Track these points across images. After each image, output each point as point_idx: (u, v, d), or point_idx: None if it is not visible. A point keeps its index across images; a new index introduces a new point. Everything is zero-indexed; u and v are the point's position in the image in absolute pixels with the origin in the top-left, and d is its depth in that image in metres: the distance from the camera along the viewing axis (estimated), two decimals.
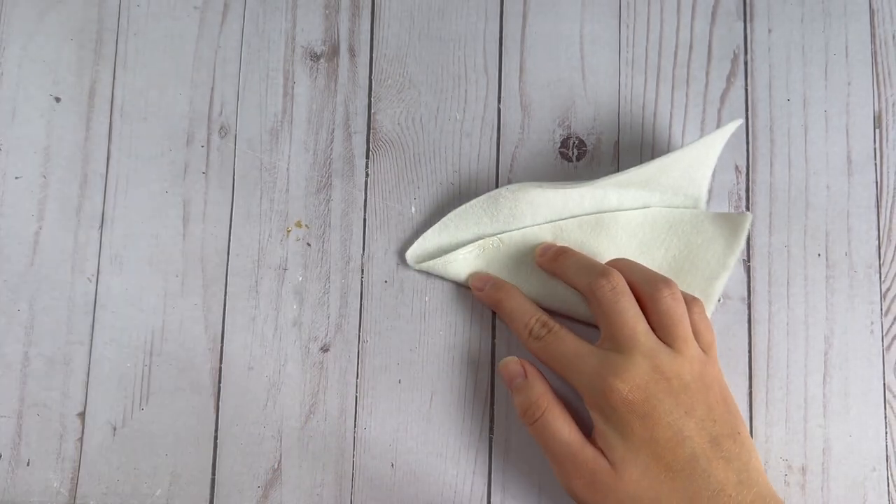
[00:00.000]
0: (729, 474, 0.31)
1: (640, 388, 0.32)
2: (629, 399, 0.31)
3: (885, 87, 0.40)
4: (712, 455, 0.31)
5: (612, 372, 0.32)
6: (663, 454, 0.31)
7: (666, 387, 0.32)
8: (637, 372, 0.32)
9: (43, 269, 0.39)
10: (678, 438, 0.31)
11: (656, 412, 0.31)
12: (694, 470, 0.31)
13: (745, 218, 0.37)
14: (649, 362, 0.32)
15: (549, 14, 0.41)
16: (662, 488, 0.31)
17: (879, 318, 0.38)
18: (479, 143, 0.40)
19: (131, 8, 0.42)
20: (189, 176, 0.40)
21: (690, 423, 0.32)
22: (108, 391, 0.39)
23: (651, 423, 0.31)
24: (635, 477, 0.31)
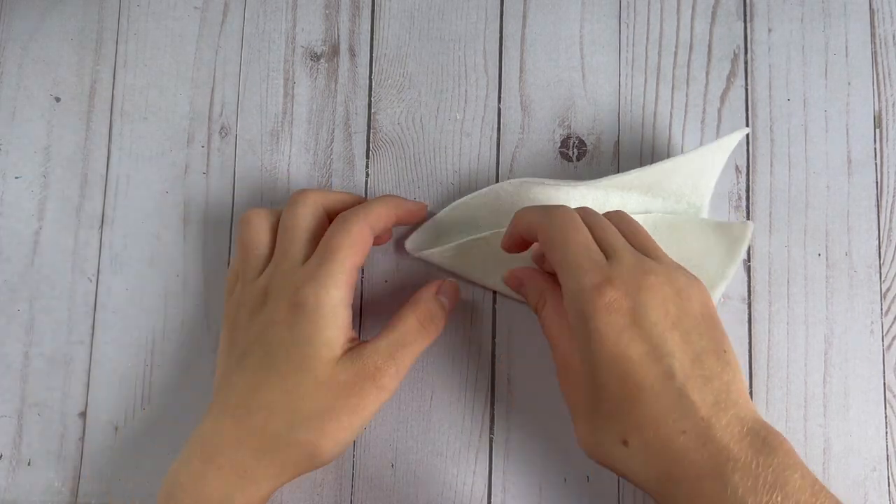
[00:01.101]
0: (706, 395, 0.29)
1: (629, 296, 0.30)
2: (615, 306, 0.29)
3: (885, 87, 0.40)
4: (691, 373, 0.29)
5: (605, 276, 0.30)
6: (635, 370, 0.29)
7: (656, 296, 0.30)
8: (628, 278, 0.30)
9: (43, 269, 0.39)
10: (658, 353, 0.29)
11: (641, 323, 0.29)
12: (665, 388, 0.29)
13: (746, 228, 0.37)
14: (637, 271, 0.30)
15: (549, 14, 0.41)
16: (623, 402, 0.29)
17: (879, 318, 0.38)
18: (479, 143, 0.40)
19: (131, 8, 0.42)
20: (189, 176, 0.40)
21: (675, 336, 0.29)
22: (109, 391, 0.39)
23: (629, 335, 0.29)
24: (597, 385, 0.30)
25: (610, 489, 0.37)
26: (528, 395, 0.38)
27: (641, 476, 0.29)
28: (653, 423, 0.29)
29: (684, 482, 0.28)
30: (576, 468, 0.37)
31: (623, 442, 0.29)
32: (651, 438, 0.29)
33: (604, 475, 0.37)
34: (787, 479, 0.27)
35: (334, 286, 0.32)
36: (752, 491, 0.27)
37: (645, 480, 0.29)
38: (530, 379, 0.38)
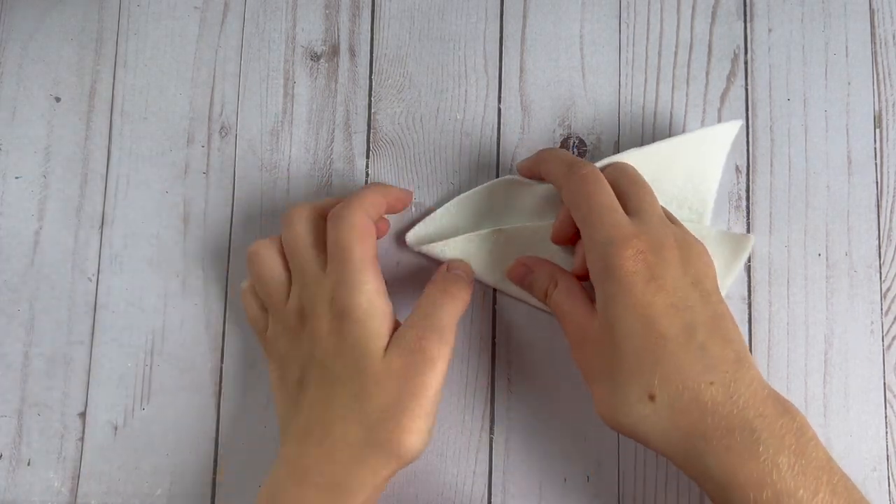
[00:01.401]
0: (727, 352, 0.29)
1: (654, 251, 0.30)
2: (641, 259, 0.30)
3: (885, 87, 0.40)
4: (712, 330, 0.30)
5: (632, 231, 0.31)
6: (658, 320, 0.29)
7: (677, 255, 0.31)
8: (653, 235, 0.31)
9: (43, 269, 0.39)
10: (680, 306, 0.30)
11: (664, 277, 0.30)
12: (689, 341, 0.29)
13: (747, 240, 0.37)
14: (665, 229, 0.32)
15: (549, 14, 0.41)
16: (647, 354, 0.29)
17: (879, 318, 0.38)
18: (479, 143, 0.40)
19: (132, 8, 0.42)
20: (189, 176, 0.40)
21: (696, 293, 0.30)
22: (108, 391, 0.39)
23: (655, 287, 0.30)
24: (619, 338, 0.30)
25: (610, 489, 0.37)
26: (528, 395, 0.38)
27: (666, 436, 0.29)
28: (679, 373, 0.29)
29: (714, 436, 0.28)
30: (576, 468, 0.37)
31: (650, 397, 0.29)
32: (679, 390, 0.29)
33: (604, 475, 0.37)
34: (806, 443, 0.28)
35: (363, 282, 0.32)
36: (781, 450, 0.28)
37: (668, 441, 0.29)
38: (530, 379, 0.38)
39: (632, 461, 0.37)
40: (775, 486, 0.27)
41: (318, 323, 0.33)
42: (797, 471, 0.27)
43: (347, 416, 0.31)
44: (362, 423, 0.31)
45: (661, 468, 0.37)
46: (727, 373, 0.29)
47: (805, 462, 0.28)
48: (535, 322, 0.39)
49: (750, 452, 0.28)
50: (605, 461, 0.37)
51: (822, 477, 0.28)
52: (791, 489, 0.27)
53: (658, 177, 0.37)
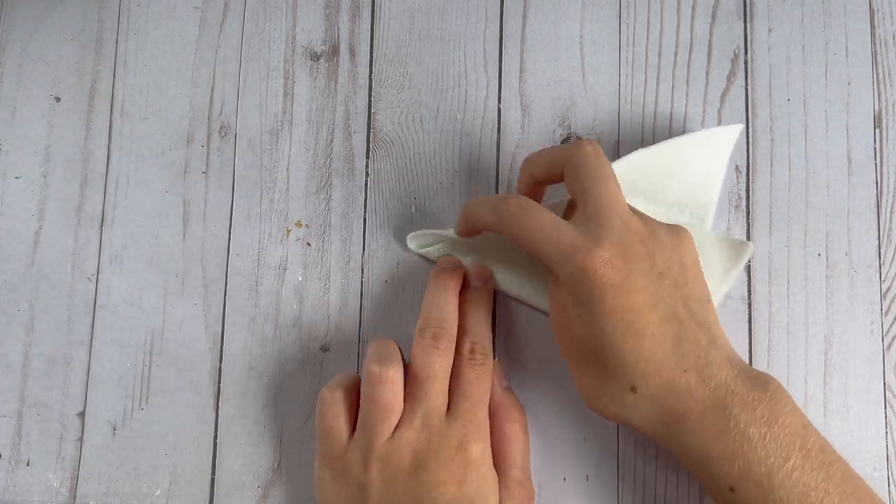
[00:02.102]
0: (699, 336, 0.31)
1: (621, 254, 0.31)
2: (610, 265, 0.31)
3: (885, 87, 0.40)
4: (684, 316, 0.31)
5: (595, 240, 0.31)
6: (634, 320, 0.31)
7: (643, 250, 0.31)
8: (616, 237, 0.31)
9: (43, 269, 0.39)
10: (652, 302, 0.31)
11: (633, 276, 0.31)
12: (664, 333, 0.31)
13: (746, 248, 0.37)
14: (629, 225, 0.32)
15: (549, 14, 0.41)
16: (626, 353, 0.31)
17: (879, 318, 0.38)
18: (479, 143, 0.40)
19: (132, 8, 0.42)
20: (189, 176, 0.40)
21: (664, 285, 0.31)
22: (108, 391, 0.39)
23: (626, 289, 0.31)
24: (598, 339, 0.31)
25: (610, 489, 0.37)
26: (528, 394, 0.38)
27: (648, 421, 0.31)
28: (657, 367, 0.31)
29: (689, 419, 0.30)
30: (576, 468, 0.37)
31: (631, 389, 0.31)
32: (657, 381, 0.31)
33: (604, 475, 0.37)
34: (780, 411, 0.30)
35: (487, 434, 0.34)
36: (752, 422, 0.30)
37: (651, 425, 0.31)
38: (530, 379, 0.38)
39: (632, 461, 0.37)
40: (746, 457, 0.29)
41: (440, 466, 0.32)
42: (768, 439, 0.30)
43: None
44: None
45: (661, 468, 0.37)
46: (700, 358, 0.31)
47: (778, 429, 0.30)
48: (535, 322, 0.39)
49: (721, 429, 0.30)
50: (604, 461, 0.37)
51: (795, 443, 0.30)
52: (762, 457, 0.29)
53: (659, 182, 0.37)
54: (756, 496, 0.29)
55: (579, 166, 0.33)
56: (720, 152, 0.38)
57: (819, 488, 0.29)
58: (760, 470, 0.29)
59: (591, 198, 0.32)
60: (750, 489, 0.30)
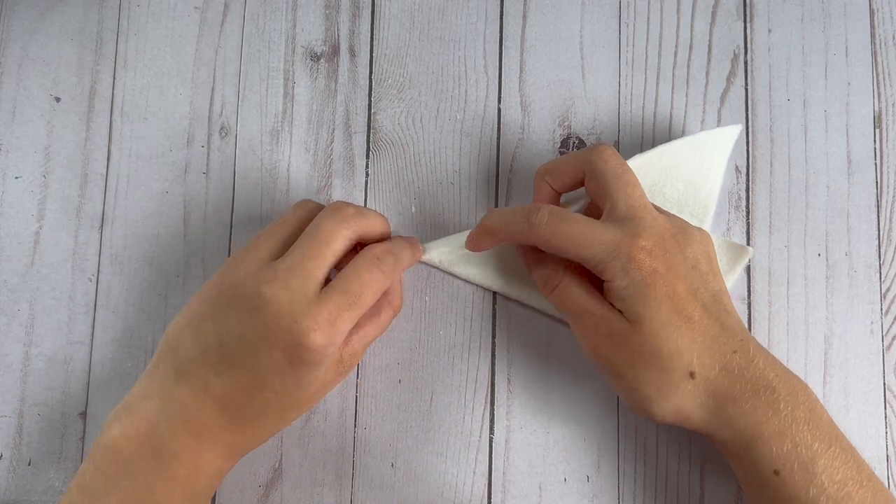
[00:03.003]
0: (734, 323, 0.33)
1: (660, 246, 0.32)
2: (654, 255, 0.32)
3: (885, 87, 0.40)
4: (717, 306, 0.33)
5: (634, 234, 0.32)
6: (683, 306, 0.32)
7: (675, 244, 0.33)
8: (653, 231, 0.33)
9: (43, 269, 0.39)
10: (692, 290, 0.32)
11: (675, 266, 0.32)
12: (710, 319, 0.32)
13: (745, 252, 0.37)
14: (659, 221, 0.33)
15: (549, 14, 0.41)
16: (682, 339, 0.32)
17: (879, 318, 0.38)
18: (479, 143, 0.40)
19: (132, 8, 0.42)
20: (189, 176, 0.40)
21: (697, 276, 0.33)
22: (109, 391, 0.39)
23: (672, 277, 0.32)
24: (655, 329, 0.32)
25: (610, 489, 0.37)
26: (528, 395, 0.38)
27: (704, 407, 0.32)
28: (710, 349, 0.32)
29: (742, 399, 0.32)
30: (576, 468, 0.37)
31: (690, 374, 0.32)
32: (712, 363, 0.32)
33: (604, 475, 0.37)
34: (814, 402, 0.32)
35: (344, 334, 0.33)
36: (798, 405, 0.31)
37: (706, 412, 0.32)
38: (530, 379, 0.38)
39: (632, 461, 0.37)
40: (794, 439, 0.31)
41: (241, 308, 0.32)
42: (812, 425, 0.31)
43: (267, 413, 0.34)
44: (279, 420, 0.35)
45: (661, 469, 0.37)
46: (743, 341, 0.32)
47: (817, 417, 0.31)
48: (535, 322, 0.39)
49: (773, 409, 0.31)
50: (604, 461, 0.37)
51: (833, 434, 0.31)
52: (807, 441, 0.31)
53: (659, 182, 0.37)
54: (800, 479, 0.30)
55: (602, 171, 0.34)
56: (719, 153, 0.38)
57: (855, 479, 0.31)
58: (806, 454, 0.30)
59: (619, 200, 0.33)
60: (795, 471, 0.30)
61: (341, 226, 0.33)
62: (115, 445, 0.32)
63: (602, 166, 0.34)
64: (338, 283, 0.33)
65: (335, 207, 0.34)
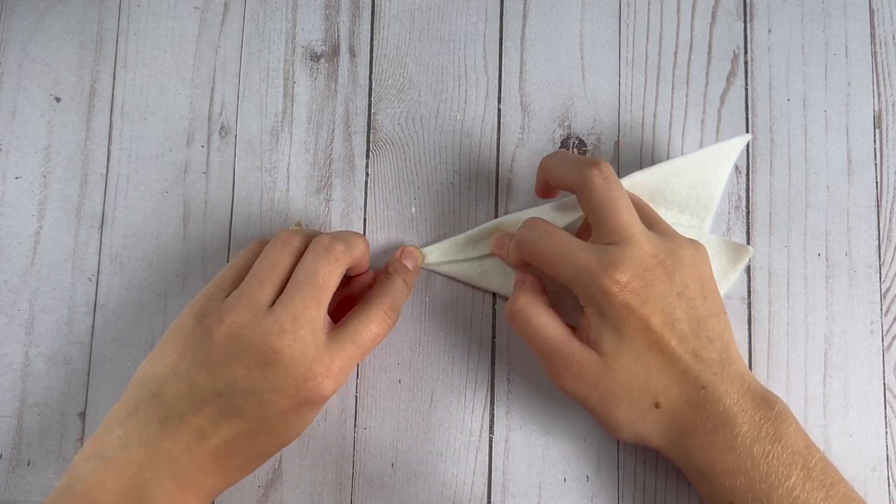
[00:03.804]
0: (712, 353, 0.32)
1: (639, 277, 0.32)
2: (629, 289, 0.31)
3: (885, 87, 0.40)
4: (699, 335, 0.32)
5: (610, 264, 0.31)
6: (656, 340, 0.32)
7: (661, 272, 0.32)
8: (635, 260, 0.32)
9: (43, 269, 0.39)
10: (670, 322, 0.32)
11: (653, 298, 0.32)
12: (682, 352, 0.32)
13: (745, 251, 0.37)
14: (645, 248, 0.32)
15: (549, 14, 0.41)
16: (650, 373, 0.32)
17: (879, 318, 0.38)
18: (479, 143, 0.40)
19: (132, 8, 0.42)
20: (189, 176, 0.40)
21: (682, 304, 0.32)
22: (108, 391, 0.39)
23: (648, 310, 0.32)
24: (626, 365, 0.32)
25: (609, 489, 0.37)
26: (528, 395, 0.38)
27: (665, 436, 0.32)
28: (678, 382, 0.32)
29: (700, 433, 0.32)
30: (575, 468, 0.37)
31: (656, 405, 0.32)
32: (678, 396, 0.32)
33: (603, 475, 0.37)
34: (784, 430, 0.31)
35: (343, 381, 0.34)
36: (757, 440, 0.31)
37: (666, 440, 0.33)
38: (530, 379, 0.38)
39: (631, 461, 0.37)
40: (748, 474, 0.30)
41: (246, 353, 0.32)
42: (772, 458, 0.31)
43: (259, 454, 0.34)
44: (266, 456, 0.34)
45: (661, 468, 0.37)
46: (715, 374, 0.32)
47: (781, 448, 0.31)
48: None
49: (728, 446, 0.31)
50: (604, 461, 0.37)
51: (797, 462, 0.31)
52: (763, 475, 0.30)
53: (661, 184, 0.37)
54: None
55: (590, 196, 0.33)
56: (725, 157, 0.38)
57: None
58: (761, 487, 0.30)
59: (605, 227, 0.33)
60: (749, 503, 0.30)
61: (335, 266, 0.33)
62: (90, 496, 0.30)
63: (589, 193, 0.33)
64: (348, 333, 0.33)
65: (325, 247, 0.33)
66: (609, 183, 0.33)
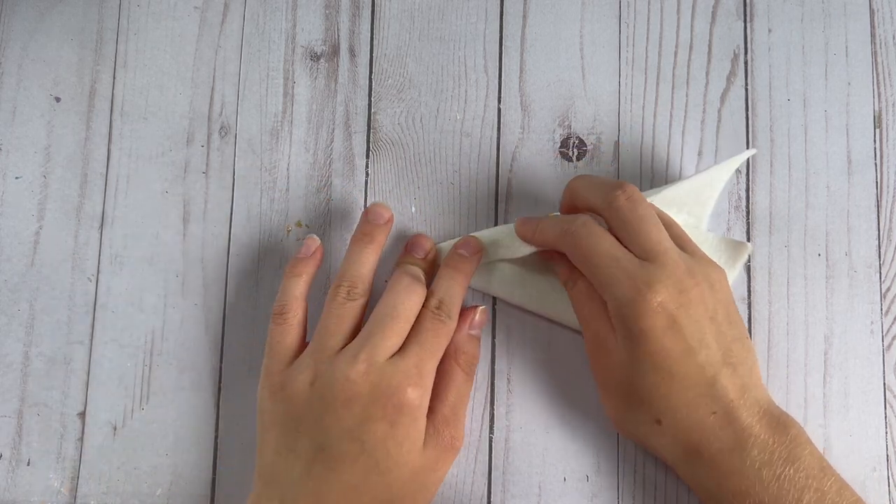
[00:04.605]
0: (734, 380, 0.32)
1: (673, 299, 0.31)
2: (659, 310, 0.31)
3: (885, 87, 0.40)
4: (723, 361, 0.32)
5: (647, 282, 0.31)
6: (672, 363, 0.31)
7: (697, 294, 0.32)
8: (669, 281, 0.31)
9: (43, 269, 0.39)
10: (697, 346, 0.31)
11: (683, 322, 0.31)
12: (701, 377, 0.31)
13: (744, 248, 0.37)
14: (679, 269, 0.32)
15: (549, 14, 0.41)
16: (661, 388, 0.32)
17: (879, 318, 0.38)
18: (479, 143, 0.40)
19: (132, 8, 0.42)
20: (189, 176, 0.40)
21: (712, 329, 0.32)
22: (108, 391, 0.39)
23: (672, 333, 0.31)
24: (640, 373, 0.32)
25: (609, 489, 0.37)
26: (528, 395, 0.38)
27: (668, 451, 0.33)
28: (686, 406, 0.32)
29: (707, 456, 0.31)
30: (575, 468, 0.37)
31: (657, 421, 0.32)
32: (683, 419, 0.32)
33: (603, 475, 0.37)
34: (798, 454, 0.31)
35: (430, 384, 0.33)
36: (768, 464, 0.31)
37: (670, 453, 0.33)
38: (530, 379, 0.38)
39: (631, 461, 0.37)
40: (757, 496, 0.30)
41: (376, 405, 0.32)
42: (783, 480, 0.30)
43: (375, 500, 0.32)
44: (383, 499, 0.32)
45: (661, 468, 0.37)
46: (731, 401, 0.31)
47: (793, 471, 0.31)
48: (535, 322, 0.39)
49: (736, 468, 0.31)
50: (604, 461, 0.37)
51: (810, 484, 0.30)
52: (774, 496, 0.30)
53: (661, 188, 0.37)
54: None
55: (616, 217, 0.33)
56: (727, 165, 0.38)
57: None
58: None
59: (636, 246, 0.33)
60: None
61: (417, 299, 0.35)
62: None
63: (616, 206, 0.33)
64: (410, 340, 0.34)
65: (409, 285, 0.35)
66: (633, 202, 0.33)
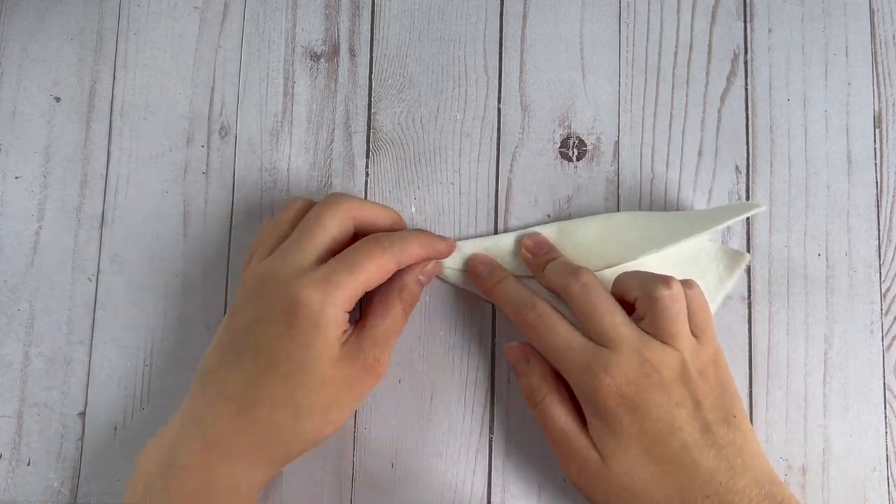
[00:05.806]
0: (720, 462, 0.31)
1: (631, 383, 0.31)
2: (619, 394, 0.31)
3: (885, 87, 0.40)
4: (703, 444, 0.31)
5: (601, 367, 0.32)
6: (654, 446, 0.31)
7: (657, 379, 0.32)
8: (626, 366, 0.32)
9: (43, 269, 0.39)
10: (668, 430, 0.31)
11: (646, 405, 0.31)
12: (684, 460, 0.31)
13: (742, 258, 0.37)
14: (637, 355, 0.32)
15: (549, 14, 0.41)
16: (652, 479, 0.31)
17: (879, 318, 0.38)
18: (479, 143, 0.40)
19: (132, 8, 0.42)
20: (189, 176, 0.40)
21: (682, 413, 0.32)
22: (108, 391, 0.39)
23: (641, 416, 0.31)
24: (625, 469, 0.31)
25: None
26: None
27: None
28: (679, 491, 0.31)
29: None
30: None
31: None
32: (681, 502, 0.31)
33: None
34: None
35: (343, 298, 0.32)
36: None
37: None
38: None
39: None
40: None
41: (274, 302, 0.32)
42: None
43: (278, 401, 0.32)
44: (291, 413, 0.32)
45: None
46: (721, 485, 0.31)
47: None
48: None
49: None
50: None
51: None
52: None
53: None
54: None
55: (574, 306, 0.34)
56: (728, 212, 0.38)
57: None
58: None
59: (591, 332, 0.33)
60: None
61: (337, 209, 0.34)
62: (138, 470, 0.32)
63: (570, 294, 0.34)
64: (335, 257, 0.33)
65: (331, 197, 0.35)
66: (587, 289, 0.34)
